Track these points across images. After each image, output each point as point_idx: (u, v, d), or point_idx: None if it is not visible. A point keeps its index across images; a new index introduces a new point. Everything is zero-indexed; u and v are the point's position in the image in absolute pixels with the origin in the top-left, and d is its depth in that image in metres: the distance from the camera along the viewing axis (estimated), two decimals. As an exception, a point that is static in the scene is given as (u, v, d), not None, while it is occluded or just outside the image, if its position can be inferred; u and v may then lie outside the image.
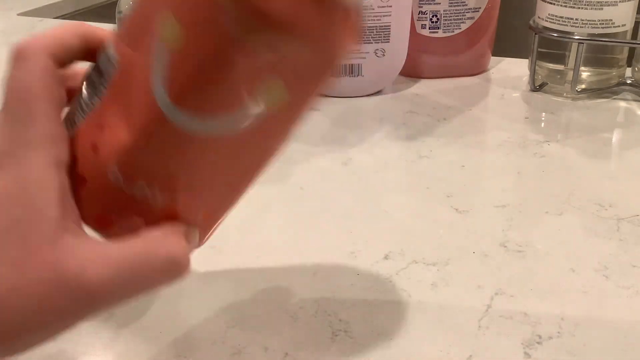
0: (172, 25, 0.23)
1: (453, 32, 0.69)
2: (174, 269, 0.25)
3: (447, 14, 0.68)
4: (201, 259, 0.42)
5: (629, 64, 0.66)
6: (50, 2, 1.05)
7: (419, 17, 0.68)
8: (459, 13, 0.68)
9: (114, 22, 0.65)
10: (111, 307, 0.24)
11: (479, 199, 0.47)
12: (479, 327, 0.34)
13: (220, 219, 0.29)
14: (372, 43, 0.65)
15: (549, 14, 0.63)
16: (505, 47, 0.76)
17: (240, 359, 0.33)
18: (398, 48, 0.65)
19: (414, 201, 0.47)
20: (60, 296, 0.23)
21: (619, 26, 0.61)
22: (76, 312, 0.23)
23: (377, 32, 0.64)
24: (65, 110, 0.27)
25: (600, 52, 0.64)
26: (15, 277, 0.23)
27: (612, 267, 0.39)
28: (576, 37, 0.61)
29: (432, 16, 0.68)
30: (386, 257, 0.40)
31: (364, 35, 0.64)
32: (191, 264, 0.25)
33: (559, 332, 0.34)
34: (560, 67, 0.65)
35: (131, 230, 0.25)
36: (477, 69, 0.72)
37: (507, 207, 0.46)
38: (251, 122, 0.24)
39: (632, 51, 0.65)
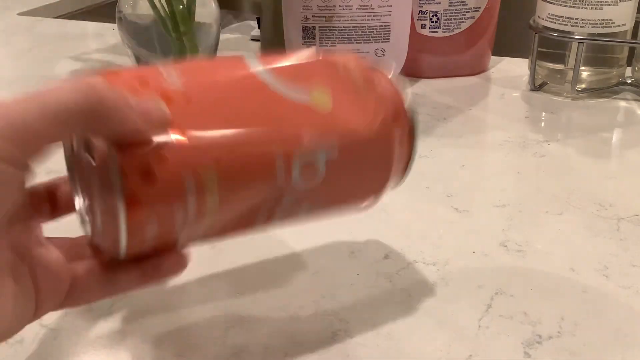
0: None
1: (453, 31, 0.69)
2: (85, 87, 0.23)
3: (447, 13, 0.68)
4: (201, 259, 0.42)
5: (629, 64, 0.66)
6: (50, 1, 1.05)
7: (419, 17, 0.68)
8: (459, 13, 0.68)
9: (113, 22, 0.65)
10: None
11: (479, 199, 0.47)
12: (479, 327, 0.34)
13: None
14: (372, 43, 0.65)
15: (549, 14, 0.63)
16: (505, 47, 0.76)
17: (240, 359, 0.33)
18: (398, 48, 0.65)
19: (413, 201, 0.47)
20: None
21: (619, 26, 0.61)
22: None
23: (377, 32, 0.64)
24: None
25: (600, 51, 0.64)
26: None
27: (612, 267, 0.39)
28: (576, 37, 0.61)
29: (432, 16, 0.68)
30: (386, 257, 0.40)
31: (364, 35, 0.64)
32: None
33: (559, 332, 0.34)
34: (560, 66, 0.65)
35: None
36: (477, 68, 0.72)
37: (507, 207, 0.46)
38: None
39: (632, 51, 0.65)
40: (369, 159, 0.30)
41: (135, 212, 0.25)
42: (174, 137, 0.25)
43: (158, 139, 0.25)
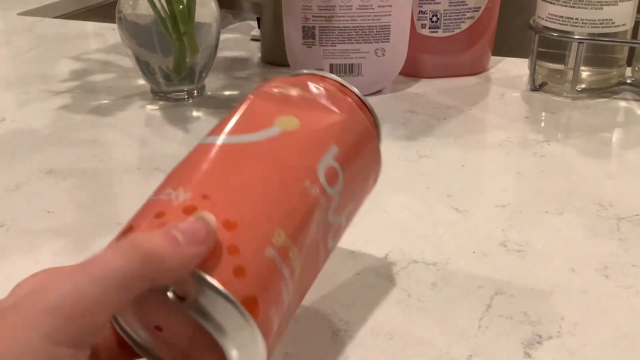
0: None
1: (453, 31, 0.69)
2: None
3: (447, 13, 0.68)
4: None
5: (629, 64, 0.66)
6: (50, 1, 1.05)
7: (419, 17, 0.68)
8: (459, 13, 0.68)
9: (113, 22, 0.65)
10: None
11: (479, 199, 0.47)
12: (479, 327, 0.35)
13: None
14: (372, 43, 0.65)
15: (549, 14, 0.63)
16: (505, 47, 0.76)
17: (240, 359, 0.33)
18: (398, 48, 0.66)
19: (413, 201, 0.47)
20: None
21: (619, 26, 0.61)
22: None
23: (377, 31, 0.64)
24: None
25: (600, 51, 0.64)
26: None
27: (612, 267, 0.39)
28: (576, 37, 0.61)
29: (432, 16, 0.68)
30: (386, 257, 0.40)
31: (364, 35, 0.64)
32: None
33: (559, 332, 0.34)
34: (560, 66, 0.65)
35: None
36: (477, 68, 0.72)
37: (507, 207, 0.46)
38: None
39: (632, 51, 0.65)
40: (358, 137, 0.32)
41: (256, 311, 0.24)
42: (228, 234, 0.25)
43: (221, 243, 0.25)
